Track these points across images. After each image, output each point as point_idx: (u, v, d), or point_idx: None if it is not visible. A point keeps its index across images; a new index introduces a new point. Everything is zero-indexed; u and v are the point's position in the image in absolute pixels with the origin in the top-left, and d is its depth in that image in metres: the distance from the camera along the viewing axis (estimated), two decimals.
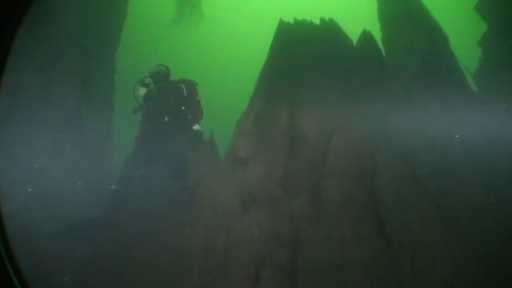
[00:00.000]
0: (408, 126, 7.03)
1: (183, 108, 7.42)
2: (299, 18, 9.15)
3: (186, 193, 6.69)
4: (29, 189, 6.51)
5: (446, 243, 5.69)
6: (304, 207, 5.92)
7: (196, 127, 7.38)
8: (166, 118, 7.33)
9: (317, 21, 9.16)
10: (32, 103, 6.82)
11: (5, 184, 5.89)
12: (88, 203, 6.79)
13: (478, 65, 10.24)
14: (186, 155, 7.36)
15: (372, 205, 5.98)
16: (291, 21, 9.00)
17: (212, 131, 7.93)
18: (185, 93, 7.53)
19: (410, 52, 8.85)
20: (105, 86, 8.86)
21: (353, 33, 9.08)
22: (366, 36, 8.65)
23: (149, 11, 24.88)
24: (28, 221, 5.91)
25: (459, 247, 5.67)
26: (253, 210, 5.96)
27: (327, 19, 9.16)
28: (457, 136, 7.17)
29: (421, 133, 6.98)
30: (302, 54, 8.15)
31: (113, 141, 8.98)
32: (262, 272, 5.36)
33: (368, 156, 6.56)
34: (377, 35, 9.43)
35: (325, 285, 5.25)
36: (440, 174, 6.40)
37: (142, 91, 7.48)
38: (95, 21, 8.88)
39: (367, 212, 5.93)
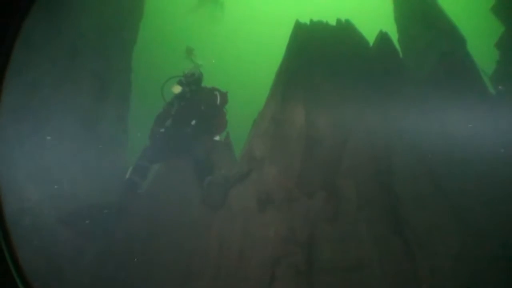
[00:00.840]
0: (425, 127, 6.87)
1: (212, 115, 7.39)
2: (315, 19, 9.04)
3: (217, 193, 6.50)
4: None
5: (466, 243, 5.49)
6: (321, 207, 5.78)
7: (217, 137, 7.35)
8: (193, 122, 7.29)
9: (333, 23, 9.03)
10: (47, 102, 6.78)
11: (20, 180, 5.85)
12: (102, 201, 6.71)
13: (496, 67, 9.99)
14: (212, 156, 7.27)
15: (390, 204, 5.82)
16: (307, 22, 8.88)
17: (228, 131, 7.84)
18: (218, 102, 7.51)
19: (427, 53, 8.68)
20: (121, 85, 8.81)
21: (370, 35, 8.94)
22: (383, 37, 8.49)
23: (167, 10, 24.81)
24: (41, 218, 5.86)
25: (478, 247, 5.47)
26: (269, 210, 5.84)
27: (343, 21, 9.02)
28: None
29: (437, 133, 6.81)
30: (318, 55, 8.01)
31: (128, 140, 8.92)
32: (277, 273, 5.23)
33: (385, 155, 6.40)
34: (394, 36, 9.25)
35: (341, 285, 5.11)
36: (457, 173, 6.21)
37: (177, 89, 7.47)
38: (111, 20, 8.85)
39: (385, 211, 5.77)
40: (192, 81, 7.55)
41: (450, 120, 7.04)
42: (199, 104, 7.41)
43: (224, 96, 7.61)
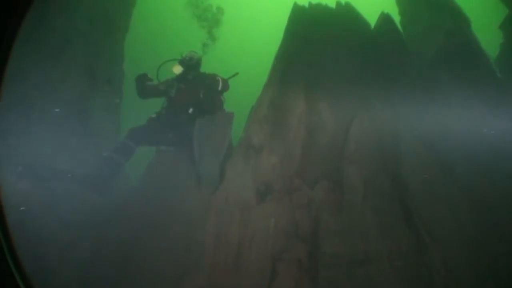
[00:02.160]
0: (432, 110, 6.37)
1: (209, 103, 6.87)
2: (313, 1, 8.49)
3: (211, 170, 6.00)
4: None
5: (481, 235, 5.02)
6: (324, 197, 5.29)
7: None
8: (190, 110, 6.76)
9: (332, 5, 8.49)
10: (35, 92, 6.28)
11: (3, 176, 5.38)
12: (92, 196, 6.23)
13: (500, 50, 9.48)
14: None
15: (398, 193, 5.33)
16: (306, 5, 8.33)
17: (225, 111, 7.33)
18: (220, 87, 6.94)
19: (431, 34, 8.13)
20: (113, 75, 8.28)
21: (370, 17, 8.40)
22: (385, 19, 7.96)
23: None
24: (28, 214, 5.38)
25: (495, 240, 5.00)
26: (269, 201, 5.34)
27: (343, 3, 8.48)
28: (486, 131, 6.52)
29: (446, 117, 6.31)
30: (318, 38, 7.48)
31: (120, 131, 8.39)
32: (279, 268, 4.76)
33: (391, 141, 5.91)
34: (396, 18, 8.69)
35: (347, 282, 4.63)
36: (469, 160, 5.72)
37: (178, 69, 6.89)
38: (103, 7, 8.30)
39: (393, 201, 5.29)
40: (192, 65, 7.00)
41: (458, 102, 6.54)
42: (197, 91, 6.87)
43: (225, 82, 7.05)
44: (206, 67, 7.39)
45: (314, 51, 7.13)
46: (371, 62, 7.27)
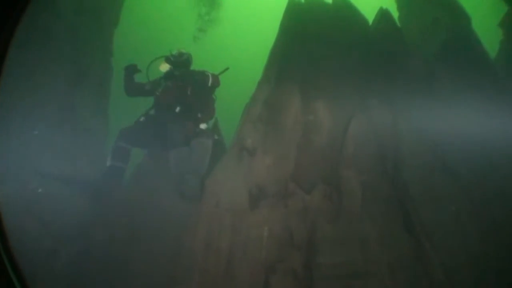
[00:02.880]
0: (434, 110, 6.04)
1: (198, 101, 6.50)
2: None
3: (192, 184, 5.66)
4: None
5: (485, 241, 4.70)
6: (320, 203, 4.94)
7: (203, 126, 6.44)
8: (177, 109, 6.38)
9: (329, 0, 8.13)
10: (16, 90, 5.88)
11: None
12: (79, 198, 5.86)
13: (500, 47, 9.17)
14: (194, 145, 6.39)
15: (398, 199, 5.00)
16: (302, 0, 7.96)
17: (217, 118, 6.95)
18: (210, 83, 6.55)
19: (432, 31, 7.78)
20: (100, 70, 7.86)
21: (368, 13, 8.06)
22: (384, 15, 7.60)
23: None
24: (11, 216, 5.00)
25: (499, 245, 4.68)
26: (262, 207, 4.98)
27: None
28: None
29: (448, 117, 5.98)
30: (315, 34, 7.12)
31: (108, 129, 7.98)
32: (272, 279, 4.41)
33: (391, 143, 5.57)
34: (394, 14, 8.34)
35: None
36: (472, 162, 5.39)
37: (165, 67, 6.51)
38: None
39: (393, 206, 4.96)
40: (181, 62, 6.60)
41: (460, 102, 6.21)
42: (185, 88, 6.48)
43: (215, 78, 6.65)
44: (197, 63, 7.01)
45: (310, 47, 6.76)
46: (369, 59, 6.94)
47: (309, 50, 6.66)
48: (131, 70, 6.71)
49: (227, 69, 6.89)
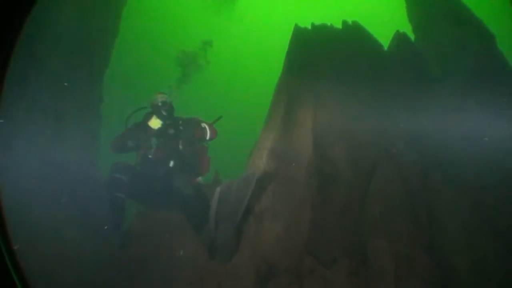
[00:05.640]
0: (470, 150, 5.00)
1: (191, 154, 5.50)
2: (317, 23, 7.10)
3: (228, 238, 4.52)
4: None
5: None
6: (345, 282, 3.85)
7: (200, 179, 5.44)
8: (171, 163, 5.36)
9: (338, 25, 7.11)
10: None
11: None
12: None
13: None
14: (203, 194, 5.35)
15: (439, 272, 3.89)
16: (308, 27, 6.93)
17: (217, 170, 5.89)
18: (208, 137, 5.58)
19: (457, 54, 6.66)
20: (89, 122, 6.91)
21: (380, 37, 7.02)
22: (401, 39, 6.56)
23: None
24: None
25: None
26: None
27: (350, 22, 7.09)
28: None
29: (486, 157, 4.92)
30: (325, 65, 6.09)
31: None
32: None
33: (424, 197, 4.49)
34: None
35: None
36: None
37: (157, 124, 5.47)
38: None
39: (434, 283, 3.85)
40: (168, 113, 5.54)
41: (498, 135, 5.17)
42: (176, 142, 5.44)
43: (212, 128, 5.62)
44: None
45: (320, 83, 5.71)
46: (388, 89, 5.90)
47: (320, 87, 5.61)
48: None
49: (220, 117, 5.89)
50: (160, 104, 5.49)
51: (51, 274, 4.25)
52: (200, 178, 5.49)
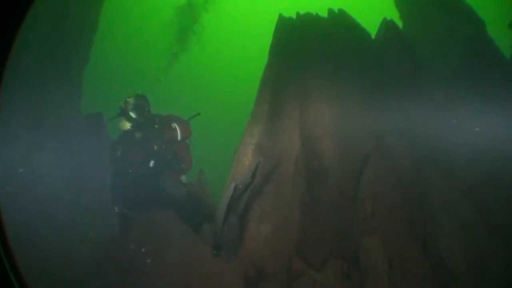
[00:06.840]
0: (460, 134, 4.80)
1: (170, 152, 5.21)
2: (302, 12, 6.79)
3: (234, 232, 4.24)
4: None
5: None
6: (337, 285, 3.62)
7: (183, 178, 5.15)
8: (152, 163, 5.07)
9: (324, 14, 6.81)
10: None
11: None
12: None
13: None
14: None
15: (436, 275, 3.67)
16: (293, 16, 6.62)
17: (201, 168, 5.61)
18: (179, 137, 5.30)
19: (448, 41, 6.40)
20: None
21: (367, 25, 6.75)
22: (390, 27, 6.28)
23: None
24: None
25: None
26: None
27: (336, 10, 6.80)
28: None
29: (484, 149, 4.70)
30: (311, 55, 5.82)
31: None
32: None
33: (417, 189, 4.26)
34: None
35: None
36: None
37: (126, 125, 5.18)
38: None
39: (428, 282, 3.63)
40: (141, 113, 5.21)
41: (491, 124, 4.96)
42: (151, 145, 5.13)
43: (185, 128, 5.31)
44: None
45: (306, 73, 5.44)
46: (377, 80, 5.66)
47: (306, 79, 5.34)
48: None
49: (198, 114, 5.59)
50: (124, 105, 5.18)
51: (51, 274, 4.00)
52: (183, 177, 5.20)
